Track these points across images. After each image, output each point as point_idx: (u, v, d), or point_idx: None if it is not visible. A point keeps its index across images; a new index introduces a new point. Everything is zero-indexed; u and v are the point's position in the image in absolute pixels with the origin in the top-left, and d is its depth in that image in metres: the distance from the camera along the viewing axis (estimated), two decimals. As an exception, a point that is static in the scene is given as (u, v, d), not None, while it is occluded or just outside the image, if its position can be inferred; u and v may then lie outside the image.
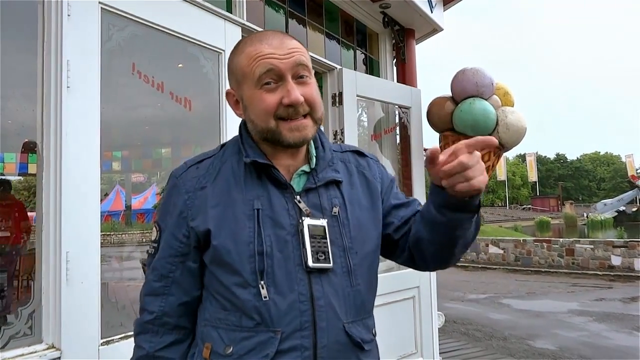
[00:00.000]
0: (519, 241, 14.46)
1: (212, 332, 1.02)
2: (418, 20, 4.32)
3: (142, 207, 16.77)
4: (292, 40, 1.06)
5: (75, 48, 1.86)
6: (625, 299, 8.96)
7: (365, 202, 1.13)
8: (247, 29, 2.78)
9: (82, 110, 1.86)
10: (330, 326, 0.99)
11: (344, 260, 1.04)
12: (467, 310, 7.99)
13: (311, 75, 1.06)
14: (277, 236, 1.00)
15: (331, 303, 1.00)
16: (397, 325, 3.63)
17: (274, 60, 1.00)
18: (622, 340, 6.25)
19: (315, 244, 1.00)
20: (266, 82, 1.01)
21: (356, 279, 1.05)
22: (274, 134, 1.03)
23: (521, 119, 4.00)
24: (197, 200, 1.06)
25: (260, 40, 1.03)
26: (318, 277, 1.00)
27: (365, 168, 1.19)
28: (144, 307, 1.10)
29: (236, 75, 1.06)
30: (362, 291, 1.06)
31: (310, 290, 0.99)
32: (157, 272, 1.08)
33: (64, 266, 1.75)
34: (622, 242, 12.60)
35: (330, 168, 1.11)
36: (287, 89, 1.00)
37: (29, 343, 1.72)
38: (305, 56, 1.05)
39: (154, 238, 1.10)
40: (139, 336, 1.09)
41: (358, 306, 1.05)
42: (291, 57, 1.01)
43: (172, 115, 2.66)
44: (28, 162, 4.47)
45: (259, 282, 0.97)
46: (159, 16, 2.23)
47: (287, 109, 1.01)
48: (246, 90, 1.04)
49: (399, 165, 4.34)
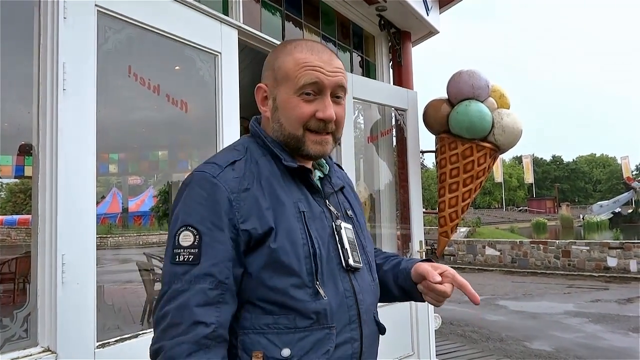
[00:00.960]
0: (515, 243, 14.50)
1: (261, 339, 0.97)
2: (414, 22, 4.33)
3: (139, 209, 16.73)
4: (338, 60, 1.12)
5: (71, 50, 1.85)
6: (621, 300, 8.99)
7: (359, 207, 1.26)
8: (244, 31, 2.78)
9: (78, 112, 1.86)
10: (369, 317, 1.09)
11: (365, 258, 1.14)
12: (463, 312, 8.00)
13: (345, 98, 1.11)
14: (321, 237, 1.05)
15: (366, 297, 1.09)
16: (394, 327, 3.62)
17: (321, 74, 1.05)
18: (618, 341, 6.27)
19: (351, 245, 1.09)
20: (307, 92, 1.05)
21: (375, 274, 1.17)
22: (298, 142, 1.07)
23: (517, 121, 4.02)
24: (244, 202, 0.99)
25: (312, 50, 1.08)
26: (354, 274, 1.08)
27: (348, 180, 1.31)
28: (196, 319, 0.92)
29: (276, 74, 1.09)
30: (378, 285, 1.18)
31: (352, 286, 1.07)
32: (213, 278, 0.95)
33: (59, 269, 1.74)
34: (618, 243, 12.65)
35: (335, 176, 1.21)
36: (324, 104, 1.06)
37: (24, 346, 1.71)
38: (346, 79, 1.11)
39: (191, 243, 0.96)
40: (195, 355, 0.91)
41: (377, 298, 1.18)
42: (335, 76, 1.07)
43: (169, 117, 2.66)
44: (24, 164, 4.45)
45: (315, 282, 1.00)
46: (155, 18, 2.23)
47: (318, 122, 1.06)
48: (283, 92, 1.07)
49: (396, 167, 4.34)
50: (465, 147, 3.99)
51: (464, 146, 3.99)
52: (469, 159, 3.99)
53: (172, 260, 0.97)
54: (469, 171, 4.01)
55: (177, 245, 0.97)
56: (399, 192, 4.28)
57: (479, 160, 3.99)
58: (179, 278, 0.95)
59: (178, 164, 6.36)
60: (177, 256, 0.96)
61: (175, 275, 0.95)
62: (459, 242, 15.88)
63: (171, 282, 0.95)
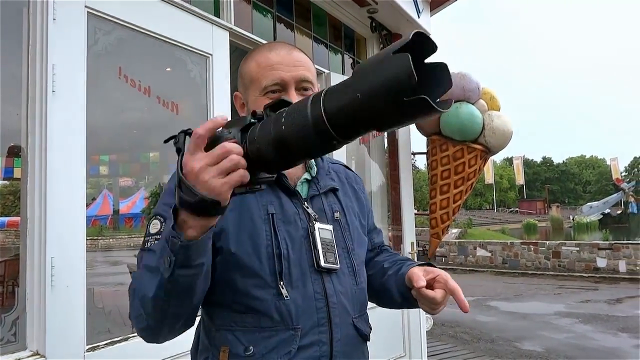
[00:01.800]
0: (506, 244, 14.60)
1: (228, 335, 1.02)
2: (405, 25, 4.35)
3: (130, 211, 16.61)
4: (299, 53, 1.13)
5: (61, 52, 1.84)
6: (610, 301, 9.07)
7: (357, 210, 1.24)
8: (235, 33, 2.78)
9: (67, 114, 1.85)
10: (342, 321, 1.06)
11: (349, 261, 1.12)
12: (455, 313, 8.02)
13: (315, 88, 1.11)
14: (291, 239, 1.05)
15: (342, 300, 1.07)
16: (385, 328, 3.64)
17: (281, 72, 1.07)
18: (608, 342, 6.33)
19: (325, 246, 1.07)
20: (271, 90, 1.07)
21: (359, 278, 1.14)
22: None
23: (507, 123, 4.05)
24: None
25: (270, 49, 1.11)
26: (329, 276, 1.06)
27: (353, 181, 1.28)
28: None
29: (244, 80, 1.13)
30: (364, 289, 1.16)
31: (324, 288, 1.05)
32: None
33: (48, 271, 1.72)
34: (607, 244, 12.78)
35: (328, 177, 1.19)
36: (288, 98, 1.03)
37: (12, 350, 1.70)
38: (310, 71, 1.12)
39: (157, 230, 1.00)
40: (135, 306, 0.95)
41: (362, 302, 1.14)
42: (297, 70, 1.08)
43: (160, 119, 2.65)
44: (13, 166, 4.41)
45: (279, 283, 1.00)
46: (146, 20, 2.23)
47: None
48: (252, 95, 1.10)
49: (387, 168, 4.35)
50: (456, 149, 4.02)
51: (455, 148, 4.02)
52: (459, 161, 4.02)
53: (142, 246, 1.02)
54: (460, 173, 4.04)
55: (147, 232, 1.02)
56: (390, 193, 4.29)
57: (470, 162, 4.02)
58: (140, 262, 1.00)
59: (169, 166, 6.34)
60: (146, 243, 1.01)
61: (140, 260, 1.00)
62: (450, 243, 15.94)
63: (138, 266, 1.01)
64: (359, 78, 0.72)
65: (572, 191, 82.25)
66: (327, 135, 0.76)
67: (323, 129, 0.76)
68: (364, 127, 0.77)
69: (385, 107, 0.70)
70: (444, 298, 1.04)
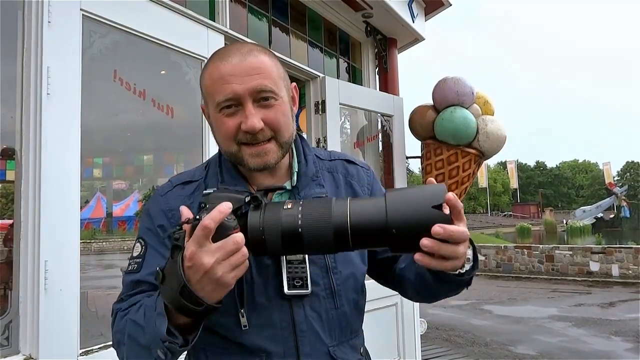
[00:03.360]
0: (500, 248, 14.63)
1: (201, 355, 1.00)
2: (400, 29, 4.37)
3: (124, 214, 16.54)
4: (257, 57, 0.98)
5: (56, 54, 1.84)
6: (603, 304, 9.11)
7: None
8: (230, 36, 2.79)
9: (62, 117, 1.84)
10: (315, 351, 0.97)
11: (327, 281, 1.00)
12: (449, 317, 8.04)
13: (278, 96, 0.98)
14: (257, 261, 0.96)
15: (314, 328, 0.98)
16: (380, 332, 3.64)
17: (234, 85, 0.94)
18: (601, 345, 6.36)
19: (292, 270, 0.96)
20: (226, 105, 0.96)
21: (340, 300, 1.01)
22: (236, 159, 1.00)
23: (501, 127, 4.08)
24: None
25: (222, 57, 0.98)
26: (299, 301, 0.97)
27: (354, 177, 1.13)
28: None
29: (203, 93, 1.03)
30: (347, 312, 1.03)
31: (292, 315, 0.97)
32: (149, 284, 0.97)
33: (42, 275, 1.72)
34: (600, 248, 12.84)
35: (315, 183, 1.06)
36: (245, 114, 0.95)
37: (5, 354, 1.69)
38: (271, 77, 0.97)
39: (138, 253, 1.01)
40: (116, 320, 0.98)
41: (343, 327, 1.03)
42: (251, 81, 0.95)
43: (154, 122, 2.65)
44: (6, 168, 4.39)
45: (239, 310, 0.94)
46: (141, 23, 2.22)
47: (246, 134, 0.96)
48: (211, 110, 1.00)
49: (382, 172, 4.37)
50: (450, 153, 4.04)
51: (449, 152, 4.04)
52: (454, 165, 4.04)
53: (125, 270, 1.02)
54: (454, 177, 4.05)
55: (131, 256, 1.02)
56: (385, 197, 4.30)
57: (464, 166, 4.04)
58: (125, 284, 1.01)
59: (164, 169, 6.32)
60: (128, 266, 1.01)
61: (123, 282, 1.02)
62: (444, 247, 15.93)
63: (123, 288, 1.02)
64: (394, 212, 0.80)
65: (565, 195, 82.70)
66: (345, 245, 0.83)
67: (344, 239, 0.82)
68: (379, 246, 0.86)
69: (414, 243, 0.80)
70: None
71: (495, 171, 68.50)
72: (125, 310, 0.96)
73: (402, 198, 0.82)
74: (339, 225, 0.81)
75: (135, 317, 0.91)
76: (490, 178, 59.20)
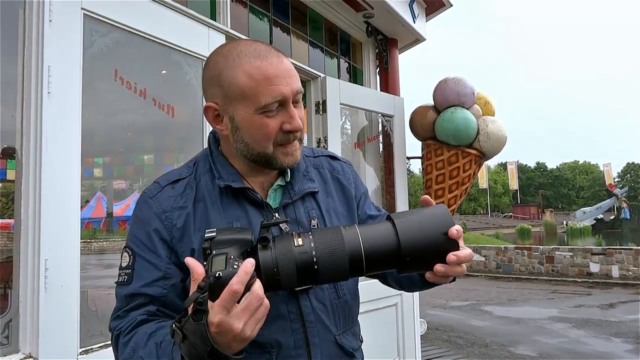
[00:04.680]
0: (500, 249, 14.62)
1: None
2: (401, 30, 4.37)
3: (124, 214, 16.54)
4: (287, 60, 1.01)
5: (57, 54, 1.84)
6: (603, 306, 9.11)
7: (342, 210, 1.13)
8: (231, 36, 2.79)
9: (62, 116, 1.84)
10: (323, 340, 1.00)
11: None
12: (449, 317, 8.04)
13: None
14: None
15: (321, 318, 1.01)
16: (380, 333, 3.64)
17: (281, 87, 0.95)
18: (601, 346, 6.35)
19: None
20: (271, 108, 0.96)
21: (342, 290, 1.06)
22: (268, 158, 1.00)
23: (501, 128, 4.08)
24: (178, 220, 1.00)
25: (259, 57, 0.96)
26: (305, 293, 1.00)
27: (340, 172, 1.17)
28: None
29: (227, 91, 0.97)
30: (348, 301, 1.07)
31: (299, 308, 0.99)
32: (144, 297, 0.97)
33: (42, 274, 1.72)
34: (600, 249, 12.83)
35: (306, 178, 1.09)
36: (289, 115, 0.97)
37: (5, 353, 1.69)
38: (299, 79, 1.02)
39: (127, 264, 0.99)
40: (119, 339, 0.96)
41: (346, 316, 1.07)
42: (294, 82, 0.98)
43: (155, 121, 2.65)
44: (6, 168, 4.39)
45: None
46: (142, 23, 2.22)
47: (286, 135, 0.98)
48: (241, 111, 0.97)
49: (382, 173, 4.37)
50: (450, 154, 4.04)
51: (450, 153, 4.04)
52: (454, 166, 4.04)
53: (116, 280, 1.01)
54: (454, 177, 4.05)
55: (120, 266, 1.01)
56: (385, 197, 4.30)
57: (465, 167, 4.04)
58: (118, 298, 1.00)
59: (164, 168, 6.32)
60: (118, 277, 1.00)
61: (117, 295, 1.01)
62: (444, 247, 15.93)
63: (117, 302, 1.00)
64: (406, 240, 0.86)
65: (565, 196, 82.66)
66: (359, 272, 0.88)
67: (358, 267, 0.86)
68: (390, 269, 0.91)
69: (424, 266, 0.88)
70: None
71: (495, 172, 68.48)
72: (128, 335, 0.94)
73: (412, 225, 0.87)
74: (353, 256, 0.85)
75: (146, 355, 0.88)
76: (491, 179, 59.21)
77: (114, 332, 0.98)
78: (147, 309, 0.96)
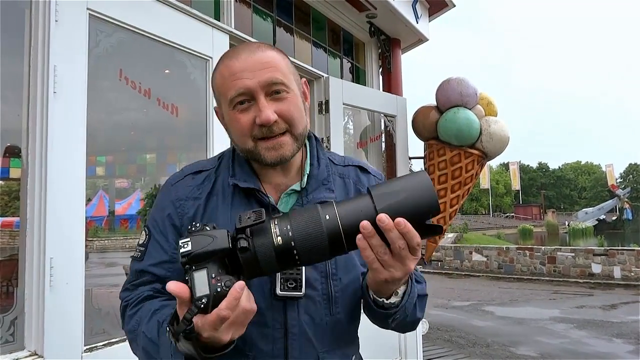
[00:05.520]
0: (502, 249, 14.63)
1: None
2: (403, 30, 4.38)
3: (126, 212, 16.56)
4: (266, 52, 0.99)
5: (63, 53, 1.85)
6: (605, 306, 9.10)
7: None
8: (235, 36, 2.80)
9: (68, 115, 1.86)
10: (303, 355, 0.97)
11: (325, 287, 0.99)
12: (450, 317, 8.04)
13: (290, 89, 0.99)
14: None
15: (305, 332, 0.97)
16: (381, 332, 3.63)
17: (245, 80, 0.95)
18: (602, 347, 6.35)
19: (287, 271, 0.95)
20: (239, 101, 0.96)
21: (337, 307, 1.00)
22: (253, 154, 1.00)
23: (504, 128, 4.08)
24: (190, 209, 1.03)
25: (231, 56, 0.99)
26: (294, 304, 0.97)
27: (364, 186, 1.11)
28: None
29: (216, 94, 1.04)
30: (342, 320, 1.02)
31: (285, 317, 0.97)
32: (150, 275, 1.02)
33: (47, 272, 1.73)
34: (602, 250, 12.82)
35: (325, 187, 1.05)
36: (258, 107, 0.95)
37: (10, 350, 1.70)
38: (281, 71, 0.98)
39: (142, 241, 1.05)
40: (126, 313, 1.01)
41: (336, 335, 1.01)
42: (263, 74, 0.95)
43: (159, 121, 2.66)
44: (10, 166, 4.40)
45: None
46: (147, 22, 2.24)
47: (261, 128, 0.96)
48: (224, 110, 1.01)
49: (384, 173, 4.37)
50: (453, 154, 4.04)
51: (452, 153, 4.04)
52: (457, 166, 4.04)
53: (132, 254, 1.06)
54: (457, 177, 4.06)
55: (138, 241, 1.06)
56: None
57: (467, 167, 4.04)
58: (131, 271, 1.05)
59: (166, 168, 6.34)
60: (135, 251, 1.06)
61: (130, 268, 1.06)
62: (446, 247, 15.96)
63: (129, 274, 1.06)
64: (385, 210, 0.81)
65: (567, 197, 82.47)
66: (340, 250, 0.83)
67: (338, 244, 0.82)
68: None
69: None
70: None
71: (497, 172, 68.38)
72: (134, 309, 0.99)
73: (388, 190, 0.83)
74: (332, 235, 0.81)
75: (148, 331, 0.92)
76: (493, 179, 59.12)
77: (122, 302, 1.04)
78: (154, 287, 1.01)
